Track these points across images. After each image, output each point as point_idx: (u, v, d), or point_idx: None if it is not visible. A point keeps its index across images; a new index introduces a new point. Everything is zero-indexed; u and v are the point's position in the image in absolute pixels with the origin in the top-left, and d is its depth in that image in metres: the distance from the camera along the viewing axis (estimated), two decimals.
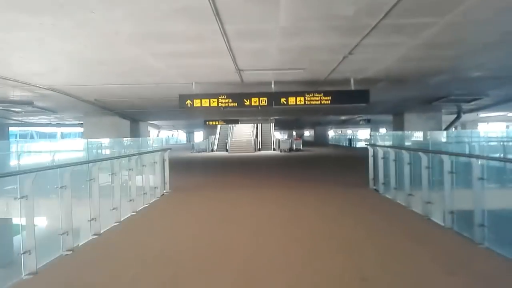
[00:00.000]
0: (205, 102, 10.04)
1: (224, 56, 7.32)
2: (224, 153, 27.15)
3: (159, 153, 9.45)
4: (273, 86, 10.24)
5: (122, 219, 6.64)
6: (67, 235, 4.97)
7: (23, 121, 18.98)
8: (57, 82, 10.07)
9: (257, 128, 31.41)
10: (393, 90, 12.62)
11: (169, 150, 10.15)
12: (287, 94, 10.02)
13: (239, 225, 6.12)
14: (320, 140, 43.65)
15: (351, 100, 10.04)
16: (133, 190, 7.48)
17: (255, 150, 28.04)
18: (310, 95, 9.93)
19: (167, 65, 8.27)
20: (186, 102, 10.09)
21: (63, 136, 43.75)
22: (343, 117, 30.97)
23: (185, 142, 52.86)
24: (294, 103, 10.05)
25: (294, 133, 52.47)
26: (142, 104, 14.98)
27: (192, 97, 10.05)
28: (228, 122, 26.45)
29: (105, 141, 10.74)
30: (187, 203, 8.45)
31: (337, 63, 8.29)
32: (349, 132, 56.32)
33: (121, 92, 12.02)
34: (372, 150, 9.23)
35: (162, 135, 50.84)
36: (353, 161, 18.93)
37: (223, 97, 9.99)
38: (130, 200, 7.34)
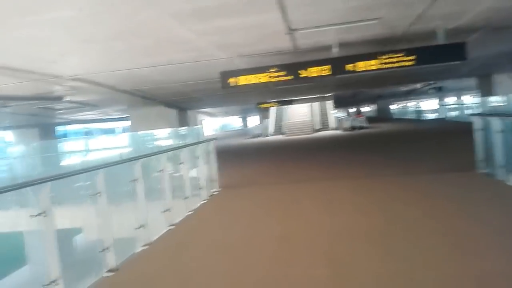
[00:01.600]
0: (253, 79, 8.12)
1: (270, 7, 5.30)
2: (280, 137, 25.20)
3: (201, 146, 7.70)
4: (335, 49, 8.04)
5: (153, 239, 4.97)
6: (57, 285, 3.31)
7: (68, 119, 18.33)
8: (77, 69, 8.68)
9: (313, 107, 28.98)
10: (489, 43, 9.87)
11: (214, 141, 8.38)
12: (355, 58, 7.85)
13: (308, 246, 4.16)
14: (383, 115, 40.27)
15: (443, 58, 7.61)
16: (168, 197, 5.77)
17: (313, 131, 25.78)
18: (386, 57, 7.69)
19: (196, 32, 6.39)
20: (229, 81, 8.24)
21: (124, 130, 43.81)
22: (404, 88, 27.58)
23: (240, 128, 51.59)
24: (364, 69, 7.86)
25: (352, 109, 49.18)
26: (183, 90, 13.39)
27: (236, 73, 8.18)
28: (281, 103, 24.34)
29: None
30: (240, 207, 6.61)
31: (425, 4, 5.96)
32: (411, 104, 52.07)
33: (156, 77, 10.43)
34: (481, 122, 6.81)
35: (216, 123, 50.01)
36: (432, 137, 16.20)
37: (274, 70, 8.00)
38: (165, 211, 5.65)
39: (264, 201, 6.86)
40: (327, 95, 24.21)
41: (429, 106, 44.09)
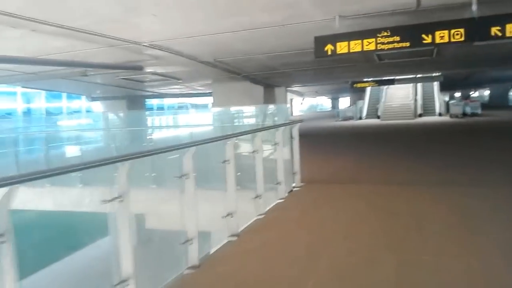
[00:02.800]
0: (356, 46, 6.29)
1: None
2: (375, 121, 22.62)
3: (283, 129, 6.11)
4: (474, 7, 5.78)
5: (202, 261, 3.56)
6: None
7: (154, 92, 17.94)
8: (150, 33, 7.58)
9: (416, 89, 25.60)
10: None
11: (299, 124, 6.71)
12: (503, 19, 5.62)
13: None
14: (497, 102, 34.78)
15: None
16: (231, 198, 4.31)
17: (414, 116, 22.70)
18: None
19: None
20: (326, 48, 6.50)
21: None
22: None
23: (329, 109, 49.02)
24: None
25: (458, 94, 43.62)
26: (270, 63, 11.82)
27: (335, 39, 6.41)
28: (380, 83, 21.54)
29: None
30: (330, 216, 4.92)
31: None
32: None
33: (239, 45, 8.99)
34: None
35: (305, 103, 48.03)
36: None
37: (386, 33, 6.05)
38: (227, 215, 4.21)
39: (365, 209, 5.07)
40: (435, 74, 20.87)
41: None
